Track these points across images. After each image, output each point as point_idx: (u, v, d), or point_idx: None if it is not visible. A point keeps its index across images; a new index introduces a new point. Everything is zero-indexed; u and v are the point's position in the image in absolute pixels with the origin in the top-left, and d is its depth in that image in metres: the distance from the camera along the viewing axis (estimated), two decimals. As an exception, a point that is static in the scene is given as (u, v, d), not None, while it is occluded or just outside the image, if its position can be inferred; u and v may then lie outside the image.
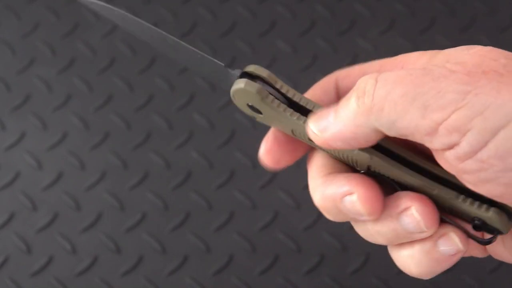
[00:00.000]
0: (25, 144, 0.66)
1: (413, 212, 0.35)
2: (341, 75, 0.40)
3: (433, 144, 0.32)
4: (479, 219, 0.35)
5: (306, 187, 0.63)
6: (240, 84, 0.38)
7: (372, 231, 0.37)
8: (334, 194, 0.37)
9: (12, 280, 0.61)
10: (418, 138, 0.32)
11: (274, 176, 0.64)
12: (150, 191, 0.64)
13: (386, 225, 0.36)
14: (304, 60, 0.68)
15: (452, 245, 0.36)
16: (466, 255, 0.38)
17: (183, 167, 0.64)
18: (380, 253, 0.61)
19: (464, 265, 0.60)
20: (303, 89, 0.42)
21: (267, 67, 0.67)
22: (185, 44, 0.40)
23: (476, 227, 0.36)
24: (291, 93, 0.39)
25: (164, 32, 0.41)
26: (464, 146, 0.31)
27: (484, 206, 0.35)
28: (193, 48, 0.40)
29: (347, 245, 0.61)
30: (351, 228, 0.62)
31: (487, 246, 0.37)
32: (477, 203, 0.35)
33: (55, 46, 0.70)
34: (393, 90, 0.32)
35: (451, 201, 0.36)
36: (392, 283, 0.60)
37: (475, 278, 0.59)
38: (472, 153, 0.31)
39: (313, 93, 0.41)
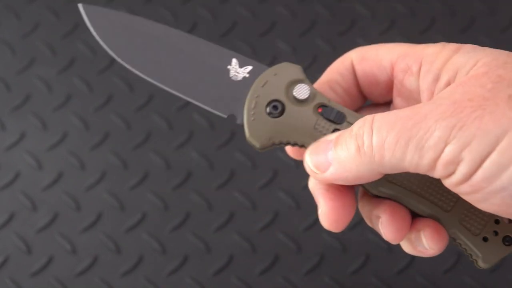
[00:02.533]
0: (25, 144, 0.66)
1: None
2: (356, 58, 0.41)
3: (435, 175, 0.34)
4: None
5: (306, 187, 0.63)
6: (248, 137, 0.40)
7: None
8: (314, 196, 0.40)
9: (12, 280, 0.61)
10: (421, 172, 0.35)
11: (274, 176, 0.64)
12: (150, 191, 0.64)
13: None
14: (304, 60, 0.68)
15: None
16: None
17: (183, 167, 0.64)
18: (380, 253, 0.61)
19: (464, 265, 0.60)
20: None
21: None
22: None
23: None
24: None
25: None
26: (458, 175, 0.33)
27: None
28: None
29: (347, 245, 0.61)
30: (351, 228, 0.62)
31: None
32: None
33: (55, 46, 0.70)
34: (388, 137, 0.34)
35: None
36: (392, 283, 0.60)
37: (475, 278, 0.59)
38: (464, 180, 0.33)
39: (328, 77, 0.42)
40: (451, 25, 0.69)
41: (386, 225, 0.39)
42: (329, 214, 0.39)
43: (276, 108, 0.39)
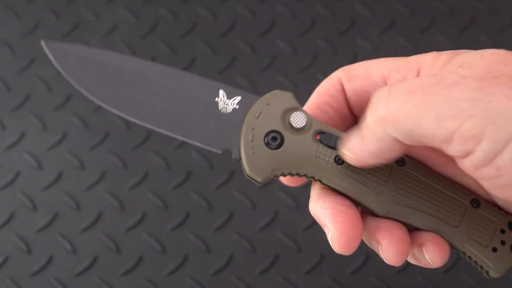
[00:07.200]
0: (25, 144, 0.66)
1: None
2: (344, 77, 0.40)
3: (450, 151, 0.32)
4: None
5: (306, 187, 0.63)
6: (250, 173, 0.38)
7: None
8: (319, 221, 0.38)
9: (12, 280, 0.61)
10: (436, 145, 0.32)
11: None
12: (150, 191, 0.64)
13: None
14: (304, 60, 0.68)
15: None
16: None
17: (183, 167, 0.64)
18: (380, 253, 0.61)
19: (464, 265, 0.60)
20: (303, 89, 0.43)
21: (267, 67, 0.68)
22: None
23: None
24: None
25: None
26: (479, 154, 0.31)
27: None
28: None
29: (347, 245, 0.61)
30: (351, 228, 0.62)
31: None
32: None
33: (55, 46, 0.70)
34: (406, 101, 0.32)
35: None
36: (392, 283, 0.60)
37: (475, 277, 0.59)
38: (487, 161, 0.31)
39: (319, 100, 0.40)
40: (451, 25, 0.69)
41: (386, 250, 0.38)
42: (339, 239, 0.37)
43: (275, 139, 0.38)
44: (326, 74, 0.42)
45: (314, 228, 0.62)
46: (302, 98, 0.42)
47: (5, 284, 0.61)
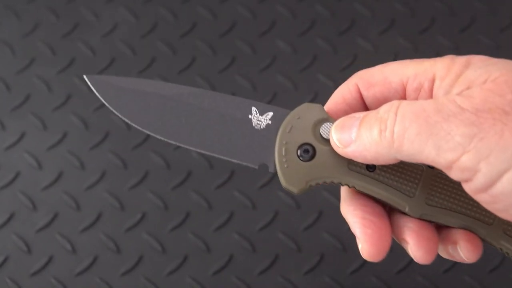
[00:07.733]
0: (25, 144, 0.66)
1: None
2: (362, 84, 0.41)
3: (451, 175, 0.35)
4: None
5: (306, 187, 0.63)
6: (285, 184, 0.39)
7: None
8: (350, 226, 0.40)
9: (12, 280, 0.61)
10: (437, 167, 0.35)
11: (274, 176, 0.64)
12: (150, 191, 0.64)
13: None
14: (304, 60, 0.68)
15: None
16: None
17: (183, 167, 0.64)
18: (380, 253, 0.61)
19: (464, 265, 0.60)
20: (303, 89, 0.42)
21: (267, 67, 0.68)
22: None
23: None
24: None
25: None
26: (476, 183, 0.34)
27: None
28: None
29: (347, 245, 0.61)
30: (351, 228, 0.62)
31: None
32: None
33: (55, 46, 0.70)
34: (410, 128, 0.34)
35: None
36: (391, 283, 0.60)
37: (475, 278, 0.59)
38: (483, 190, 0.34)
39: (336, 107, 0.41)
40: (451, 25, 0.69)
41: (415, 250, 0.39)
42: (370, 250, 0.39)
43: (307, 152, 0.39)
44: (326, 74, 0.42)
45: (314, 228, 0.62)
46: (303, 98, 0.43)
47: (5, 284, 0.61)
